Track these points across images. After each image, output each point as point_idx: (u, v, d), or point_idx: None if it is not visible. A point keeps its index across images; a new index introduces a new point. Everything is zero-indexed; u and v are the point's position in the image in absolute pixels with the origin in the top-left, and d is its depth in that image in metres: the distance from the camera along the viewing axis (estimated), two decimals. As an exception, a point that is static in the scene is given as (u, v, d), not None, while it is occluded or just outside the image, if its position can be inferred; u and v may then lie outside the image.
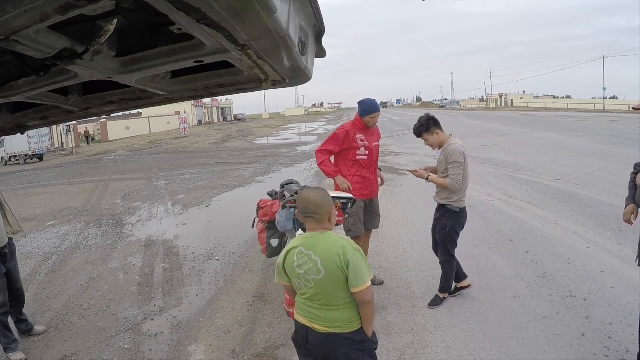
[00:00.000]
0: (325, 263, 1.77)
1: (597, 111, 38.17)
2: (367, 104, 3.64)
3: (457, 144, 3.29)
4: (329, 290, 1.79)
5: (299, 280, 1.86)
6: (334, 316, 1.81)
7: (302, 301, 1.90)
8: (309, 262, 1.81)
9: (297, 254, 1.86)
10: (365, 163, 3.69)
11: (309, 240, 1.86)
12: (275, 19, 0.87)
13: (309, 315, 1.87)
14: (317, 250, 1.80)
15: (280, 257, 1.95)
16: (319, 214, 1.86)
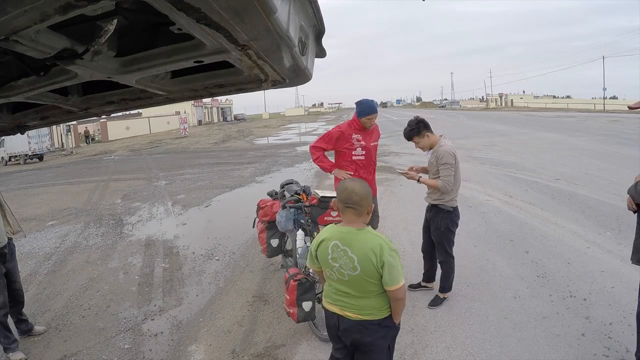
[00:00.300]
0: (362, 262, 1.81)
1: (597, 111, 38.17)
2: (364, 105, 3.63)
3: (448, 146, 3.31)
4: (362, 284, 1.85)
5: (331, 271, 1.92)
6: (366, 304, 1.88)
7: (334, 291, 1.96)
8: (345, 258, 1.86)
9: (332, 247, 1.90)
10: (363, 163, 3.69)
11: (346, 235, 1.88)
12: (275, 19, 0.87)
13: (341, 304, 1.93)
14: (354, 248, 1.84)
15: (313, 245, 2.01)
16: (362, 205, 1.88)
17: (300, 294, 2.89)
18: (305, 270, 3.18)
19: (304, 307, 2.91)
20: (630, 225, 5.02)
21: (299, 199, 3.42)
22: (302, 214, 3.31)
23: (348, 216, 1.91)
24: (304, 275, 3.00)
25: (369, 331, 1.89)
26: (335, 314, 1.96)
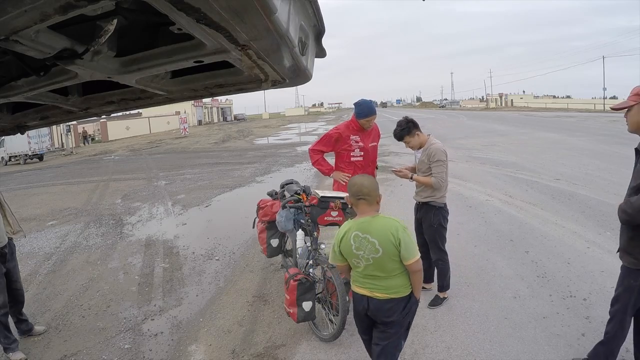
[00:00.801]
0: (382, 243, 2.06)
1: (597, 111, 38.16)
2: (362, 107, 3.62)
3: (438, 144, 3.39)
4: (386, 264, 2.09)
5: (357, 259, 2.14)
6: (392, 283, 2.13)
7: (362, 276, 2.18)
8: (367, 244, 2.09)
9: (353, 238, 2.13)
10: (361, 164, 3.69)
11: (363, 224, 2.12)
12: (275, 19, 0.87)
13: (370, 286, 2.16)
14: (373, 233, 2.08)
15: (335, 242, 2.21)
16: (371, 195, 2.14)
17: (300, 294, 2.89)
18: (305, 270, 3.18)
19: (304, 307, 2.91)
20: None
21: (299, 199, 3.42)
22: (302, 214, 3.31)
23: (361, 207, 2.15)
24: (304, 275, 3.00)
25: (396, 309, 2.14)
26: (365, 297, 2.18)
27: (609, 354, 2.44)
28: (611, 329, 2.44)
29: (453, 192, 6.77)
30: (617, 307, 2.41)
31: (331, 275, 2.98)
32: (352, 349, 2.95)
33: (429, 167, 3.32)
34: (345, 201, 3.24)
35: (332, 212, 3.20)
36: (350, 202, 2.26)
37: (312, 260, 3.19)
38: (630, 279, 2.33)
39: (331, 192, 3.42)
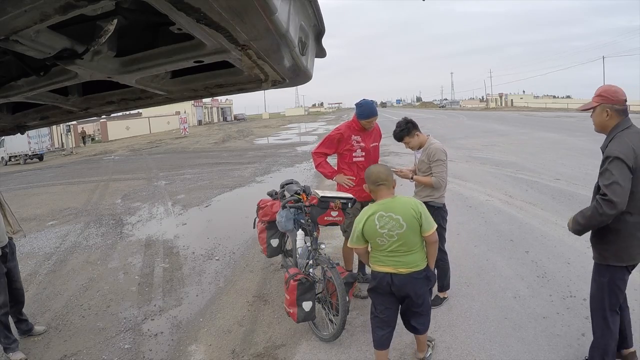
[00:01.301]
0: (406, 218, 2.32)
1: (597, 111, 38.15)
2: (364, 108, 3.60)
3: (438, 143, 3.41)
4: (409, 238, 2.34)
5: (382, 238, 2.36)
6: (413, 258, 2.39)
7: (385, 254, 2.40)
8: (391, 221, 2.34)
9: (377, 218, 2.35)
10: (363, 165, 3.65)
11: (385, 205, 2.38)
12: (275, 19, 0.87)
13: (394, 263, 2.39)
14: (396, 211, 2.34)
15: (359, 225, 2.41)
16: (388, 180, 2.45)
17: (300, 294, 2.89)
18: (305, 270, 3.18)
19: (304, 307, 2.91)
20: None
21: (299, 199, 3.42)
22: (302, 214, 3.31)
23: (381, 192, 2.44)
24: (304, 275, 3.00)
25: (417, 281, 2.41)
26: (388, 274, 2.40)
27: (604, 354, 2.42)
28: (596, 328, 2.45)
29: (453, 192, 6.78)
30: (594, 305, 2.44)
31: (331, 275, 2.98)
32: (352, 349, 2.95)
33: (429, 166, 3.33)
34: (346, 201, 3.24)
35: (332, 212, 3.20)
36: (369, 190, 2.50)
37: (312, 260, 3.19)
38: (600, 275, 2.39)
39: (331, 192, 3.41)
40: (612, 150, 2.22)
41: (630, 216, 2.23)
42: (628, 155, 2.17)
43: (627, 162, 2.15)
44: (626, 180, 2.15)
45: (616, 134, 2.29)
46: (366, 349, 2.93)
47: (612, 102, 2.31)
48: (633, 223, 2.25)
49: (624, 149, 2.18)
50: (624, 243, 2.28)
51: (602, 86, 2.42)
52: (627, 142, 2.21)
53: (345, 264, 3.88)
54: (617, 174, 2.16)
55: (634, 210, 2.22)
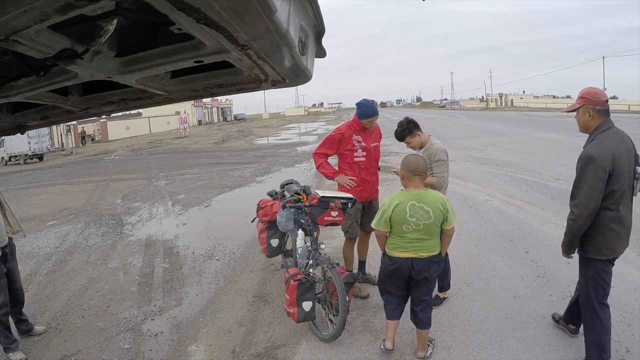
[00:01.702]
0: (435, 211, 2.54)
1: (597, 111, 38.13)
2: (364, 107, 3.58)
3: (439, 143, 3.41)
4: (432, 229, 2.57)
5: (408, 225, 2.56)
6: (432, 243, 2.62)
7: (408, 241, 2.60)
8: (421, 212, 2.53)
9: (409, 207, 2.54)
10: (364, 164, 3.65)
11: (418, 195, 2.57)
12: (275, 19, 0.87)
13: (416, 248, 2.60)
14: (428, 203, 2.54)
15: (388, 209, 2.58)
16: (425, 172, 2.65)
17: (300, 294, 2.89)
18: (305, 270, 3.18)
19: (304, 307, 2.90)
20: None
21: (299, 199, 3.42)
22: (302, 214, 3.30)
23: (415, 181, 2.61)
24: (304, 275, 3.00)
25: (433, 264, 2.64)
26: (409, 259, 2.61)
27: (599, 349, 2.47)
28: (587, 322, 2.56)
29: (453, 192, 6.77)
30: (583, 299, 2.57)
31: (331, 275, 2.98)
32: (352, 349, 2.95)
33: (430, 167, 3.32)
34: (346, 201, 3.24)
35: (332, 212, 3.19)
36: (403, 176, 2.65)
37: (312, 260, 3.19)
38: (585, 269, 2.55)
39: (331, 192, 3.41)
40: (590, 151, 2.35)
41: (609, 212, 2.38)
42: (605, 158, 2.29)
43: (603, 164, 2.28)
44: (597, 182, 2.30)
45: (597, 135, 2.42)
46: (366, 349, 2.94)
47: (594, 103, 2.44)
48: (611, 218, 2.39)
49: (601, 151, 2.31)
50: (604, 237, 2.42)
51: (584, 88, 2.54)
52: (605, 145, 2.34)
53: (346, 264, 3.88)
54: (590, 176, 2.31)
55: (612, 206, 2.37)
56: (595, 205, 2.33)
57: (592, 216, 2.36)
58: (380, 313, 3.39)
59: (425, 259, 2.61)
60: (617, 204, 2.38)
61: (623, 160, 2.35)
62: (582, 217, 2.38)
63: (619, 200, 2.37)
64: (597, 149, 2.33)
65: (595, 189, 2.31)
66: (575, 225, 2.43)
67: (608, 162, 2.29)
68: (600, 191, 2.32)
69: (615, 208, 2.38)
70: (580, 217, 2.39)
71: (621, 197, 2.38)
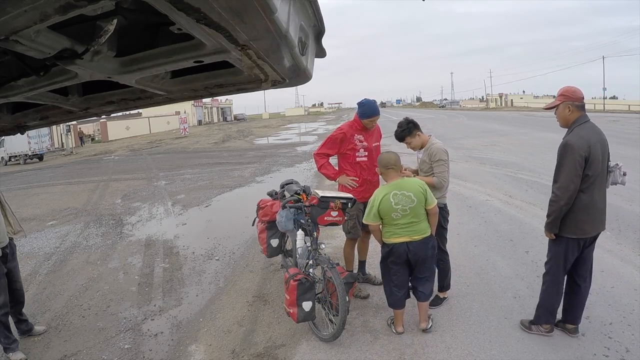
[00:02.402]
0: (416, 194, 2.82)
1: (597, 111, 38.16)
2: (366, 107, 3.58)
3: (439, 143, 3.41)
4: (418, 210, 2.84)
5: (396, 213, 2.82)
6: (422, 226, 2.89)
7: (400, 226, 2.85)
8: (404, 198, 2.81)
9: (392, 196, 2.81)
10: (366, 164, 3.64)
11: (397, 185, 2.85)
12: (275, 19, 0.87)
13: (409, 232, 2.86)
14: (408, 189, 2.83)
15: (375, 204, 2.83)
16: (397, 165, 2.94)
17: (300, 294, 2.89)
18: (305, 270, 3.18)
19: (304, 307, 2.90)
20: (630, 225, 5.03)
21: (299, 199, 3.42)
22: (302, 214, 3.30)
23: (391, 174, 2.91)
24: (304, 275, 3.00)
25: (427, 246, 2.91)
26: (404, 243, 2.85)
27: (548, 314, 2.88)
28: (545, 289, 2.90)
29: (453, 192, 6.77)
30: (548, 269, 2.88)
31: (331, 275, 2.98)
32: (352, 349, 2.95)
33: (430, 167, 3.32)
34: (346, 201, 3.24)
35: (332, 212, 3.20)
36: (380, 172, 2.96)
37: (312, 260, 3.19)
38: (555, 245, 2.81)
39: (331, 192, 3.41)
40: (569, 140, 2.67)
41: (583, 195, 2.65)
42: (582, 146, 2.60)
43: (579, 150, 2.59)
44: (576, 167, 2.60)
45: (575, 127, 2.74)
46: (366, 349, 2.94)
47: (573, 100, 2.74)
48: (585, 202, 2.66)
49: (578, 140, 2.63)
50: (577, 218, 2.68)
51: (563, 87, 2.84)
52: (582, 135, 2.65)
53: (346, 264, 3.88)
54: (569, 162, 2.61)
55: (586, 190, 2.65)
56: (575, 187, 2.61)
57: (572, 197, 2.63)
58: (381, 313, 3.40)
59: (418, 241, 2.87)
60: (591, 189, 2.65)
61: (597, 149, 2.64)
62: (564, 198, 2.63)
63: (592, 185, 2.65)
64: (574, 138, 2.65)
65: (575, 173, 2.60)
66: (557, 206, 2.67)
67: (585, 149, 2.59)
68: (578, 175, 2.60)
69: (589, 192, 2.66)
70: (561, 198, 2.64)
71: (594, 183, 2.65)
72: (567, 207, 2.65)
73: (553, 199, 2.70)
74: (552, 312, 2.89)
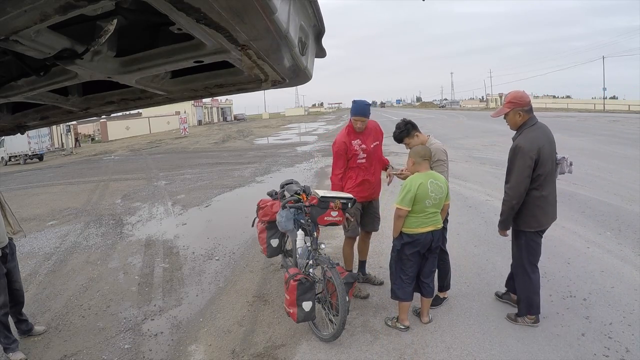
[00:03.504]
0: (445, 187, 3.01)
1: (597, 111, 38.17)
2: (355, 104, 3.59)
3: (438, 143, 3.43)
4: (441, 201, 3.00)
5: (429, 200, 2.93)
6: (440, 217, 3.05)
7: (428, 215, 2.96)
8: (438, 187, 2.95)
9: (430, 184, 2.93)
10: (365, 166, 3.66)
11: (432, 175, 2.99)
12: (275, 19, 0.87)
13: (435, 222, 3.00)
14: (440, 180, 2.99)
15: (411, 190, 2.89)
16: (430, 157, 3.07)
17: (300, 294, 2.89)
18: (305, 270, 3.18)
19: (304, 307, 2.90)
20: (630, 225, 5.03)
21: (299, 199, 3.42)
22: (302, 214, 3.31)
23: (424, 165, 3.02)
24: (304, 275, 3.00)
25: (441, 234, 3.14)
26: (430, 232, 2.97)
27: (529, 306, 3.02)
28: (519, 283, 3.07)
29: (453, 192, 6.75)
30: (516, 263, 3.08)
31: (331, 275, 2.98)
32: (352, 349, 2.95)
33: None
34: (345, 201, 3.24)
35: (332, 212, 3.20)
36: (414, 162, 3.02)
37: (312, 260, 3.19)
38: (517, 239, 3.03)
39: (331, 192, 3.41)
40: (520, 143, 2.84)
41: (536, 192, 2.88)
42: (532, 149, 2.78)
43: (529, 152, 2.78)
44: (526, 168, 2.80)
45: (524, 130, 2.92)
46: (366, 349, 2.94)
47: (522, 106, 2.96)
48: (538, 197, 2.89)
49: (529, 143, 2.80)
50: (532, 212, 2.92)
51: (510, 93, 3.08)
52: (532, 138, 2.84)
53: (346, 264, 3.88)
54: (520, 164, 2.81)
55: (539, 187, 2.87)
56: (525, 187, 2.83)
57: (522, 197, 2.86)
58: (381, 313, 3.40)
59: (439, 230, 3.04)
60: (543, 186, 2.87)
61: (546, 150, 2.83)
62: (515, 198, 2.88)
63: (543, 182, 2.86)
64: (525, 142, 2.82)
65: (524, 174, 2.80)
66: (509, 205, 2.93)
67: (535, 152, 2.78)
68: (528, 176, 2.81)
69: (541, 189, 2.87)
70: (513, 198, 2.89)
71: (545, 180, 2.86)
72: (518, 205, 2.89)
73: (505, 199, 2.95)
74: (531, 304, 3.02)
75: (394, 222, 3.03)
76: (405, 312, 3.13)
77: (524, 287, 3.02)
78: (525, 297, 3.03)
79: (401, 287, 3.07)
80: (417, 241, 2.97)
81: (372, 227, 3.88)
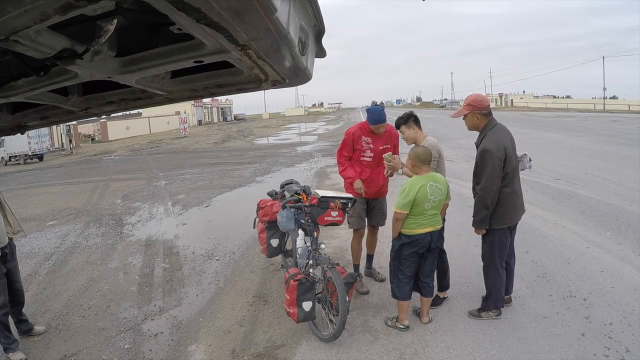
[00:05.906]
0: (445, 188, 3.05)
1: (597, 111, 38.17)
2: (371, 114, 3.65)
3: (433, 141, 3.48)
4: (441, 203, 3.03)
5: (429, 203, 2.95)
6: (439, 218, 3.08)
7: (427, 217, 2.98)
8: (437, 190, 2.98)
9: (429, 187, 2.94)
10: (370, 164, 3.71)
11: (432, 177, 3.01)
12: (276, 19, 0.87)
13: (434, 222, 3.02)
14: (440, 182, 3.02)
15: (411, 192, 2.90)
16: (430, 160, 3.07)
17: (300, 294, 2.89)
18: (305, 270, 3.18)
19: (304, 307, 2.90)
20: (630, 225, 5.03)
21: (299, 199, 3.42)
22: (302, 214, 3.31)
23: (425, 168, 3.02)
24: (304, 275, 3.00)
25: (441, 235, 3.16)
26: (428, 233, 2.99)
27: (496, 300, 3.13)
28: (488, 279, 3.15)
29: (453, 192, 6.72)
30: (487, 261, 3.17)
31: (331, 275, 2.98)
32: (352, 349, 2.95)
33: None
34: (346, 201, 3.24)
35: (332, 212, 3.20)
36: (414, 165, 3.01)
37: (312, 260, 3.19)
38: (489, 237, 3.11)
39: (331, 192, 3.42)
40: (487, 146, 2.96)
41: (506, 189, 3.01)
42: (499, 149, 2.92)
43: (497, 154, 2.90)
44: (495, 169, 2.92)
45: (487, 132, 3.06)
46: (366, 349, 2.94)
47: (480, 109, 3.08)
48: (509, 194, 3.02)
49: (495, 145, 2.93)
50: (503, 209, 3.03)
51: (470, 96, 3.17)
52: (496, 139, 2.97)
53: (353, 258, 3.97)
54: (490, 165, 2.93)
55: (508, 184, 3.01)
56: (497, 186, 2.96)
57: (496, 195, 2.97)
58: (381, 313, 3.40)
59: (438, 230, 3.06)
60: (511, 182, 3.02)
61: (510, 149, 2.99)
62: (489, 197, 2.97)
63: (511, 179, 3.01)
64: (491, 144, 2.95)
65: (496, 174, 2.93)
66: (484, 204, 3.01)
67: (502, 152, 2.92)
68: (500, 175, 2.94)
69: (510, 185, 3.01)
70: (487, 198, 2.98)
71: (512, 176, 3.01)
72: (492, 204, 2.99)
73: (479, 200, 3.04)
74: (499, 299, 3.14)
75: (393, 225, 3.04)
76: (405, 311, 3.13)
77: (495, 283, 3.12)
78: (494, 292, 3.13)
79: (399, 286, 3.09)
80: (416, 242, 2.99)
81: (378, 221, 3.92)
